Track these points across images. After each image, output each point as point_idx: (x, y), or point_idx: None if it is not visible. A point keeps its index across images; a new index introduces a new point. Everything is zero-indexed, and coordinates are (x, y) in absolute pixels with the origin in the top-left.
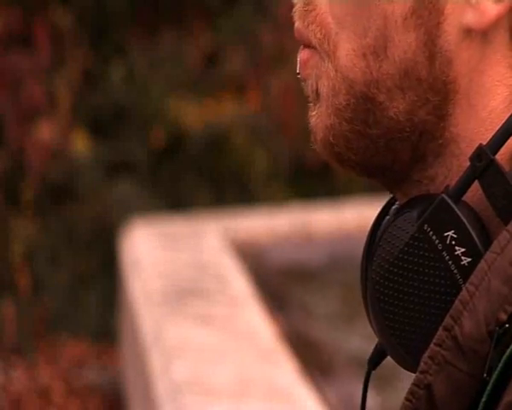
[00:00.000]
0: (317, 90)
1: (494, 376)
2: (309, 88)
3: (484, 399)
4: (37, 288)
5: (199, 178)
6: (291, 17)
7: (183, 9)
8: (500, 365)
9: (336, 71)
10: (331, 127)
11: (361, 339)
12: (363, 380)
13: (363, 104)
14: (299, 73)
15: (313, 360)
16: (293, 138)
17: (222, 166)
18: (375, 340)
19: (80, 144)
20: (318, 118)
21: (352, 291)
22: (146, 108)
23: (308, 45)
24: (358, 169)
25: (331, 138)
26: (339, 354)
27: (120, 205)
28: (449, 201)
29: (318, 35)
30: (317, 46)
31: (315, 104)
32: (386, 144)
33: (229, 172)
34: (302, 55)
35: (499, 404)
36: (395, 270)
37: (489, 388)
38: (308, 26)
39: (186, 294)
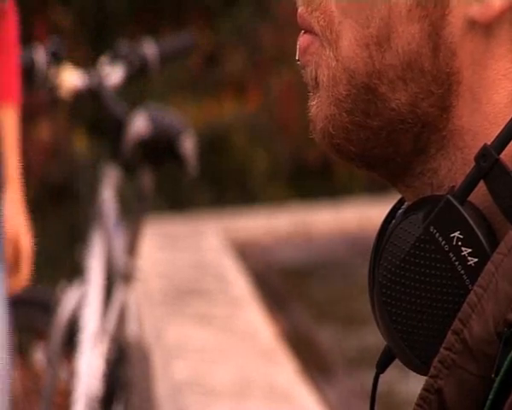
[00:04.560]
0: (316, 78)
1: (500, 374)
2: (308, 75)
3: (491, 397)
4: None
5: (199, 178)
6: (291, 17)
7: (183, 9)
8: (506, 363)
9: (337, 60)
10: (331, 118)
11: (361, 339)
12: (362, 380)
13: (364, 95)
14: (298, 60)
15: (313, 360)
16: (294, 138)
17: (222, 166)
18: (374, 339)
19: (80, 144)
20: (318, 108)
21: (352, 291)
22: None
23: (309, 31)
24: (358, 161)
25: (331, 129)
26: (339, 354)
27: None
28: (454, 202)
29: (321, 22)
30: (320, 33)
31: (314, 93)
32: (387, 136)
33: (229, 172)
34: (302, 40)
35: (505, 403)
36: (402, 272)
37: (495, 385)
38: (312, 12)
39: (186, 294)
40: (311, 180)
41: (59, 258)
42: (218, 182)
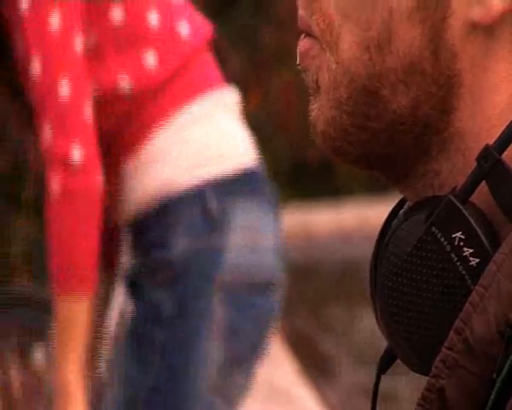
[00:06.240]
0: (317, 81)
1: (502, 374)
2: (309, 79)
3: (492, 397)
4: None
5: None
6: (291, 17)
7: None
8: (508, 362)
9: (338, 63)
10: (332, 121)
11: (361, 339)
12: (362, 380)
13: (364, 98)
14: (299, 64)
15: (313, 360)
16: (294, 138)
17: None
18: (373, 339)
19: None
20: (319, 111)
21: (351, 291)
22: None
23: (310, 34)
24: (360, 163)
25: (332, 132)
26: (339, 354)
27: None
28: (456, 202)
29: (321, 25)
30: (319, 36)
31: (315, 96)
32: (388, 138)
33: None
34: (302, 44)
35: (507, 403)
36: (404, 273)
37: (497, 385)
38: (312, 15)
39: None
40: (311, 180)
41: None
42: None
